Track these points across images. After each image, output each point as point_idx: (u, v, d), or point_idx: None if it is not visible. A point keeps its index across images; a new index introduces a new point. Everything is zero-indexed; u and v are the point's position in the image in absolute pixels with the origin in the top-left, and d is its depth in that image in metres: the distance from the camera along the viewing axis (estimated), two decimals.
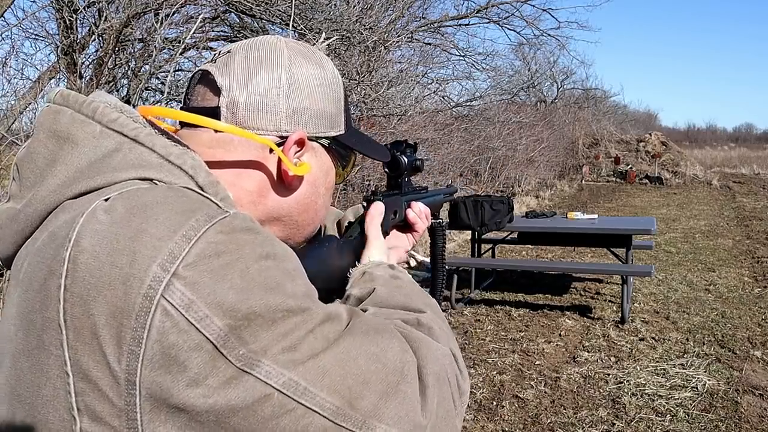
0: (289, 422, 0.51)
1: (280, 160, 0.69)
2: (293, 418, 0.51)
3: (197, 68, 0.71)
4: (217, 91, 0.67)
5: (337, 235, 0.92)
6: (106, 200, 0.54)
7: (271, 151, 0.68)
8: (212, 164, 0.65)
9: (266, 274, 0.53)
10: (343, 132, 0.75)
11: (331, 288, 0.76)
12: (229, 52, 0.69)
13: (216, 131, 0.67)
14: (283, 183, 0.70)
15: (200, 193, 0.57)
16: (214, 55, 0.71)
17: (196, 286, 0.49)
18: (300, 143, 0.69)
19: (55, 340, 0.50)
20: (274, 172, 0.69)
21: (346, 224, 0.94)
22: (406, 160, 0.95)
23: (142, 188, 0.56)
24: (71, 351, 0.50)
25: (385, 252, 0.85)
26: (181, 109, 0.70)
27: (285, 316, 0.52)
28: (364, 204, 0.90)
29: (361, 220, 0.88)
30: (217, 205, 0.56)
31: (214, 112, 0.66)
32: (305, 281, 0.58)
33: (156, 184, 0.58)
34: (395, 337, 0.61)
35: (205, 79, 0.69)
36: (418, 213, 0.97)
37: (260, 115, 0.67)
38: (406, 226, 0.98)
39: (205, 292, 0.49)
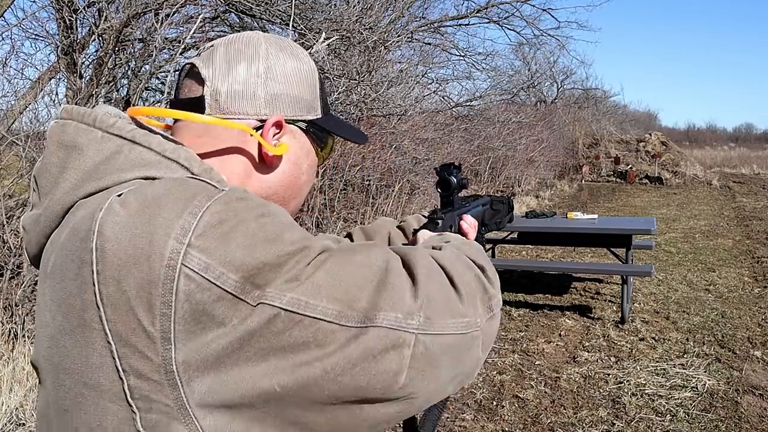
0: (299, 332, 0.59)
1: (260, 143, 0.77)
2: (302, 327, 0.59)
3: (184, 62, 0.79)
4: (201, 82, 0.75)
5: (403, 240, 1.09)
6: (119, 195, 0.62)
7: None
8: (203, 152, 0.74)
9: (265, 228, 0.61)
10: (320, 116, 0.83)
11: None
12: (212, 46, 0.77)
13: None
14: (265, 163, 0.78)
15: (198, 179, 0.66)
16: (200, 50, 0.78)
17: (209, 251, 0.58)
18: (278, 125, 0.77)
19: (95, 317, 0.59)
20: (256, 153, 0.77)
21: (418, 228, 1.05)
22: (455, 180, 1.08)
23: (145, 184, 0.64)
24: (110, 324, 0.58)
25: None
26: (170, 101, 0.78)
27: (288, 258, 0.60)
28: (425, 214, 1.06)
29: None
30: (214, 186, 0.64)
31: (199, 101, 0.74)
32: (300, 230, 0.65)
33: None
34: (375, 246, 0.70)
35: (191, 72, 0.77)
36: (470, 224, 1.09)
37: (241, 101, 0.75)
38: None
39: (217, 254, 0.58)
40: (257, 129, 0.75)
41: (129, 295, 0.57)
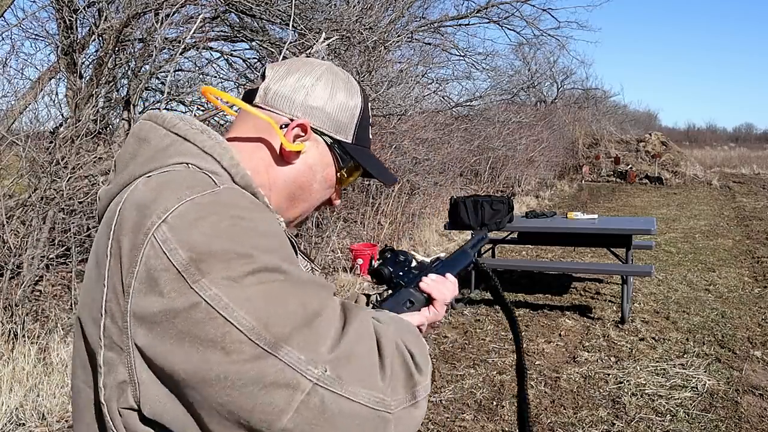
0: (211, 328, 0.65)
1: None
2: (215, 325, 0.65)
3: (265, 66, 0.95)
4: (264, 79, 0.91)
5: None
6: (149, 177, 0.77)
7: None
8: (246, 135, 0.88)
9: (232, 229, 0.69)
10: (349, 142, 0.92)
11: None
12: (285, 59, 0.93)
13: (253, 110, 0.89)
14: (282, 156, 0.88)
15: (209, 176, 0.77)
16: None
17: (174, 229, 0.68)
18: (303, 129, 0.87)
19: (105, 263, 0.73)
20: (278, 147, 0.88)
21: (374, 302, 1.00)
22: (387, 269, 1.00)
23: (173, 170, 0.78)
24: (109, 271, 0.72)
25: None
26: (246, 91, 0.93)
27: (236, 258, 0.67)
28: (366, 295, 1.02)
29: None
30: (215, 182, 0.75)
31: (254, 92, 0.90)
32: (276, 244, 0.72)
33: (189, 166, 0.79)
34: (327, 290, 0.75)
35: (263, 72, 0.92)
36: (431, 283, 0.99)
37: (280, 100, 0.88)
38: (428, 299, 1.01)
39: (179, 232, 0.68)
40: (285, 126, 0.87)
41: (123, 252, 0.71)
